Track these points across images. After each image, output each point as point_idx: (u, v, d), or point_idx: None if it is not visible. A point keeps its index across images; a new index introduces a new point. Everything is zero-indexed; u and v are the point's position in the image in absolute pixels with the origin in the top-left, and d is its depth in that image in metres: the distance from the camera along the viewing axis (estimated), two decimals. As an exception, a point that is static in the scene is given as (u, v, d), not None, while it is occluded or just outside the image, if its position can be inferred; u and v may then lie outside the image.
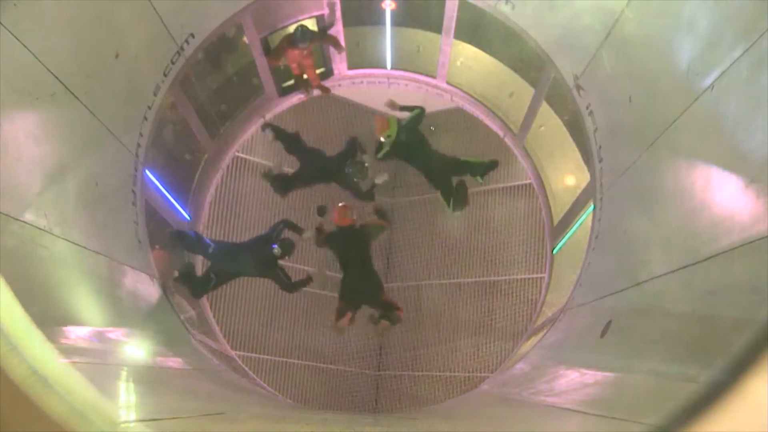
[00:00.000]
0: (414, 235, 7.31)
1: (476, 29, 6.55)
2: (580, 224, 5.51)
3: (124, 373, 3.00)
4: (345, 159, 5.90)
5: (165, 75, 4.69)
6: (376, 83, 7.22)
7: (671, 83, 2.94)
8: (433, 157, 5.69)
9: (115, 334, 3.49)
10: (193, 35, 4.82)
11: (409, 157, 5.74)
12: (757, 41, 2.14)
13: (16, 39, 2.63)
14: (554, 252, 6.44)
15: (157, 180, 5.38)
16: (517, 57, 6.44)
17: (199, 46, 5.02)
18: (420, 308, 7.02)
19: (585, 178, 5.04)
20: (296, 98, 7.08)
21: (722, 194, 2.40)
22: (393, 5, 6.51)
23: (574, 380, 3.26)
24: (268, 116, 7.00)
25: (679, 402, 1.25)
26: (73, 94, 3.25)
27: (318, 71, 6.88)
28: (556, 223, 6.37)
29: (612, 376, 2.84)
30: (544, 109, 5.98)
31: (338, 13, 6.26)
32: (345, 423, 4.22)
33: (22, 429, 1.19)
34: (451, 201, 5.65)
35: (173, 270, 5.36)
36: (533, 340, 5.61)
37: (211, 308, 6.48)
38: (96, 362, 2.82)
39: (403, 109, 5.65)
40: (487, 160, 5.75)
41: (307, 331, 6.88)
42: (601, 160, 4.30)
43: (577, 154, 5.85)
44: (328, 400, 6.81)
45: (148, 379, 3.31)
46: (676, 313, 2.55)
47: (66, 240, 3.08)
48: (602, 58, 3.88)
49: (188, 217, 6.24)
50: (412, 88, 7.16)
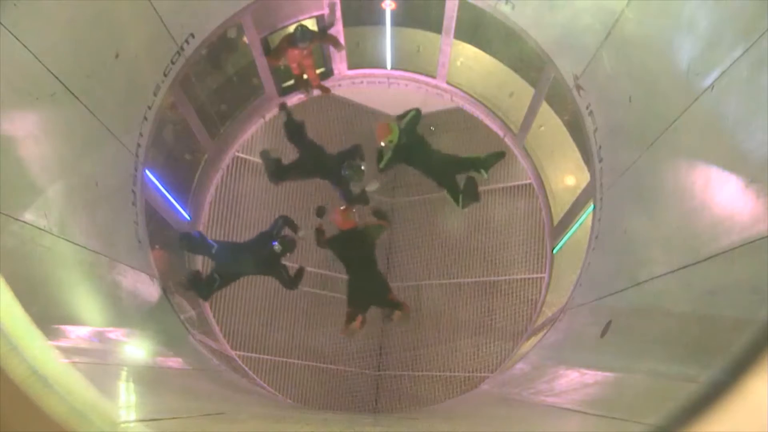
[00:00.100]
0: (414, 235, 7.30)
1: (476, 29, 6.54)
2: (580, 224, 5.50)
3: (124, 373, 3.00)
4: (343, 159, 5.91)
5: (165, 75, 4.69)
6: (376, 83, 7.21)
7: (671, 83, 2.94)
8: (434, 156, 5.70)
9: (115, 334, 3.49)
10: (193, 35, 4.82)
11: (411, 159, 5.75)
12: (757, 41, 2.14)
13: (16, 39, 2.63)
14: (554, 252, 6.44)
15: (157, 180, 5.37)
16: (517, 57, 6.43)
17: (199, 46, 5.02)
18: (420, 308, 7.00)
19: (585, 178, 5.03)
20: (296, 98, 7.08)
21: (722, 194, 2.40)
22: (393, 5, 6.51)
23: (574, 380, 3.25)
24: (268, 116, 6.99)
25: (679, 402, 1.25)
26: (73, 94, 3.25)
27: (318, 71, 6.88)
28: (556, 223, 6.37)
29: (612, 376, 2.83)
30: (544, 109, 5.97)
31: (338, 13, 6.25)
32: (345, 423, 4.22)
33: (22, 429, 1.19)
34: (460, 197, 5.65)
35: (175, 272, 5.37)
36: (533, 340, 5.60)
37: (211, 308, 6.48)
38: (96, 362, 2.82)
39: (399, 118, 5.71)
40: (493, 152, 5.77)
41: (307, 331, 6.88)
42: (601, 160, 4.30)
43: (577, 154, 5.85)
44: (328, 400, 6.80)
45: (148, 379, 3.31)
46: (676, 313, 2.55)
47: (66, 240, 3.08)
48: (602, 58, 3.88)
49: (188, 217, 6.23)
50: (412, 88, 7.15)
